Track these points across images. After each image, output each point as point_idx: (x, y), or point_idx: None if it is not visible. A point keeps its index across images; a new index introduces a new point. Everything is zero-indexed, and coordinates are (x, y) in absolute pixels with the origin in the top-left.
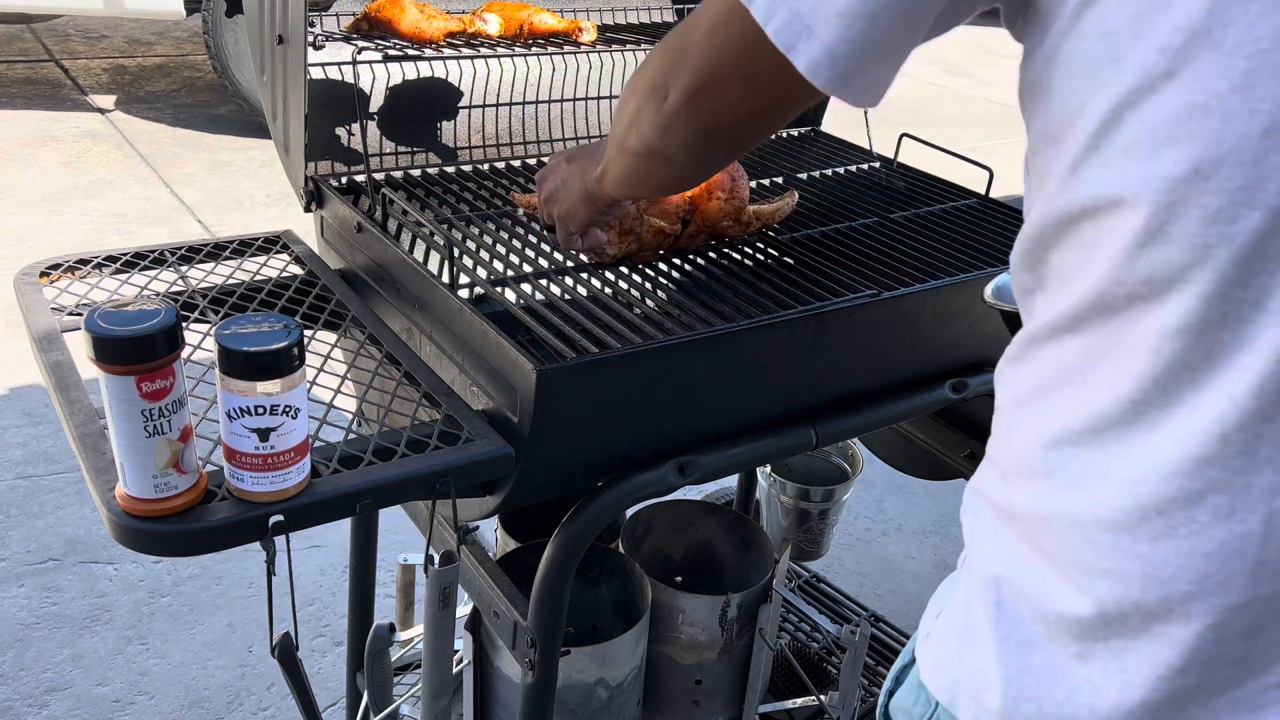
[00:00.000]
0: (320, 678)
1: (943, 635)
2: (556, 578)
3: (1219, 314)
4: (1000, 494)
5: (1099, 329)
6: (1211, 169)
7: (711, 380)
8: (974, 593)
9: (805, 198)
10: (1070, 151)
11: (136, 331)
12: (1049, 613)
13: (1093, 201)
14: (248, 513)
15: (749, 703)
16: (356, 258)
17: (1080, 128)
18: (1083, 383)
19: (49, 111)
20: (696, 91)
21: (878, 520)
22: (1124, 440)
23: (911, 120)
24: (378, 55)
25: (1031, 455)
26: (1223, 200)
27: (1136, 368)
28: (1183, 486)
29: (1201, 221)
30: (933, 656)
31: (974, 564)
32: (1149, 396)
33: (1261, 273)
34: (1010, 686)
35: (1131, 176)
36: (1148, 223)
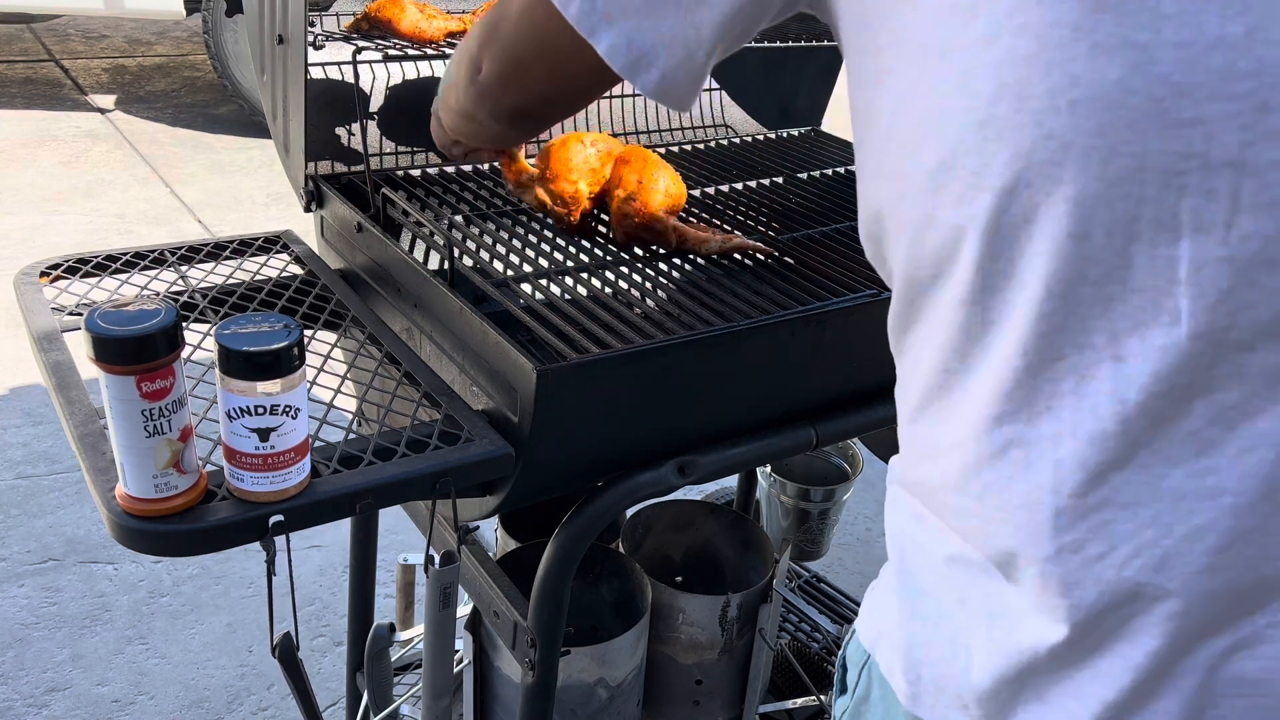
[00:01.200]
0: (320, 678)
1: (872, 592)
2: (556, 578)
3: (982, 285)
4: (896, 464)
5: (920, 309)
6: (951, 159)
7: (711, 380)
8: (889, 553)
9: (805, 198)
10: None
11: (136, 331)
12: (936, 562)
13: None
14: (248, 513)
15: (749, 703)
16: (356, 258)
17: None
18: (915, 361)
19: (49, 111)
20: (505, 73)
21: (878, 520)
22: (943, 409)
23: None
24: (378, 55)
25: (901, 432)
26: (963, 186)
27: (940, 339)
28: (988, 445)
29: (953, 205)
30: (864, 611)
31: (886, 526)
32: (952, 365)
33: (1003, 244)
34: (906, 631)
35: (907, 173)
36: (921, 210)
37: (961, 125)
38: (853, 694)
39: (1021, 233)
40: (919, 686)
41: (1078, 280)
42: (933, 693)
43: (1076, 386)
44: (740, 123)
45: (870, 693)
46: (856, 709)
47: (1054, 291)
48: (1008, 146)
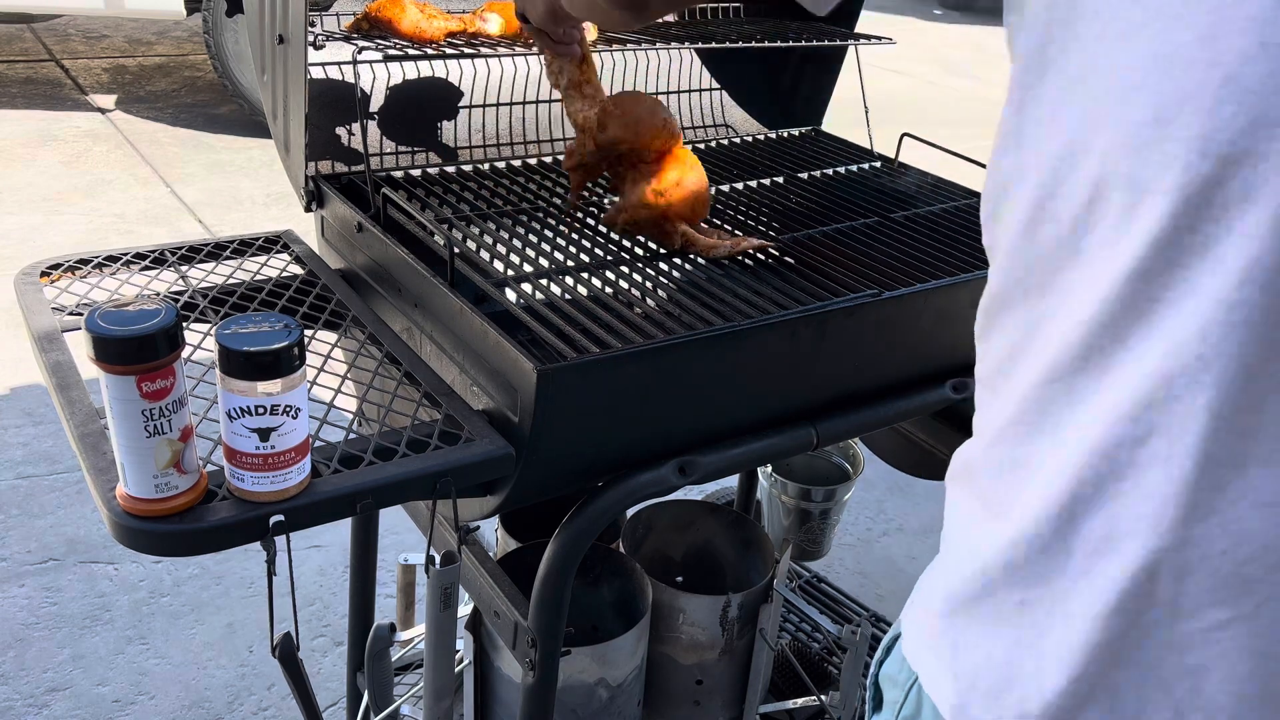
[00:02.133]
0: (321, 678)
1: (916, 600)
2: (557, 578)
3: (1167, 260)
4: (971, 453)
5: (1062, 281)
6: (1172, 115)
7: (711, 380)
8: (937, 559)
9: (805, 198)
10: (1044, 99)
11: (137, 331)
12: (993, 566)
13: (1053, 149)
14: (248, 513)
15: (749, 703)
16: (357, 257)
17: (1056, 73)
18: (1045, 337)
19: (49, 111)
20: None
21: (878, 520)
22: (1074, 390)
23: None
24: (378, 55)
25: (1000, 414)
26: (1178, 147)
27: (1089, 314)
28: (1128, 431)
29: (1156, 166)
30: (909, 621)
31: (944, 531)
32: (1099, 343)
33: (1208, 219)
34: (958, 642)
35: (1103, 122)
36: (1102, 168)
37: (1199, 81)
38: (897, 713)
39: (1234, 209)
40: (970, 696)
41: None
42: (988, 699)
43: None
44: (740, 123)
45: (920, 712)
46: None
47: (1252, 279)
48: (1249, 112)
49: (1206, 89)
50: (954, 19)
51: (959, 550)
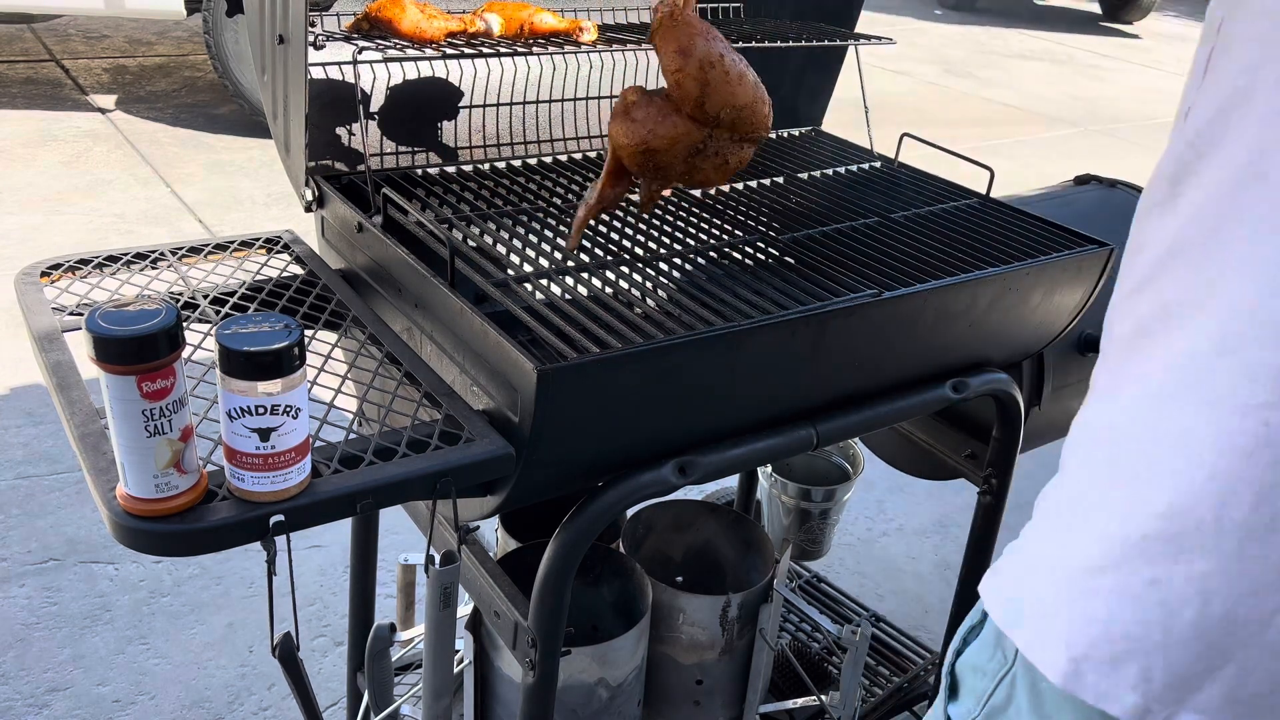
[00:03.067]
0: (321, 678)
1: (1010, 568)
2: (557, 578)
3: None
4: (1103, 419)
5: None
6: None
7: (711, 380)
8: (1046, 523)
9: (805, 198)
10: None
11: (137, 331)
12: (1129, 538)
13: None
14: (248, 513)
15: (749, 703)
16: (357, 258)
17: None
18: (1204, 302)
19: (49, 111)
20: None
21: (878, 520)
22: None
23: (912, 120)
24: (378, 55)
25: (1148, 378)
26: None
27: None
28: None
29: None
30: (1000, 590)
31: (1054, 494)
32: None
33: None
34: (1076, 608)
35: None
36: None
37: None
38: (983, 702)
39: None
40: (1085, 665)
41: None
42: (1102, 669)
43: None
44: None
45: (1013, 699)
46: (989, 717)
47: None
48: None
49: None
50: (954, 19)
51: (1079, 521)
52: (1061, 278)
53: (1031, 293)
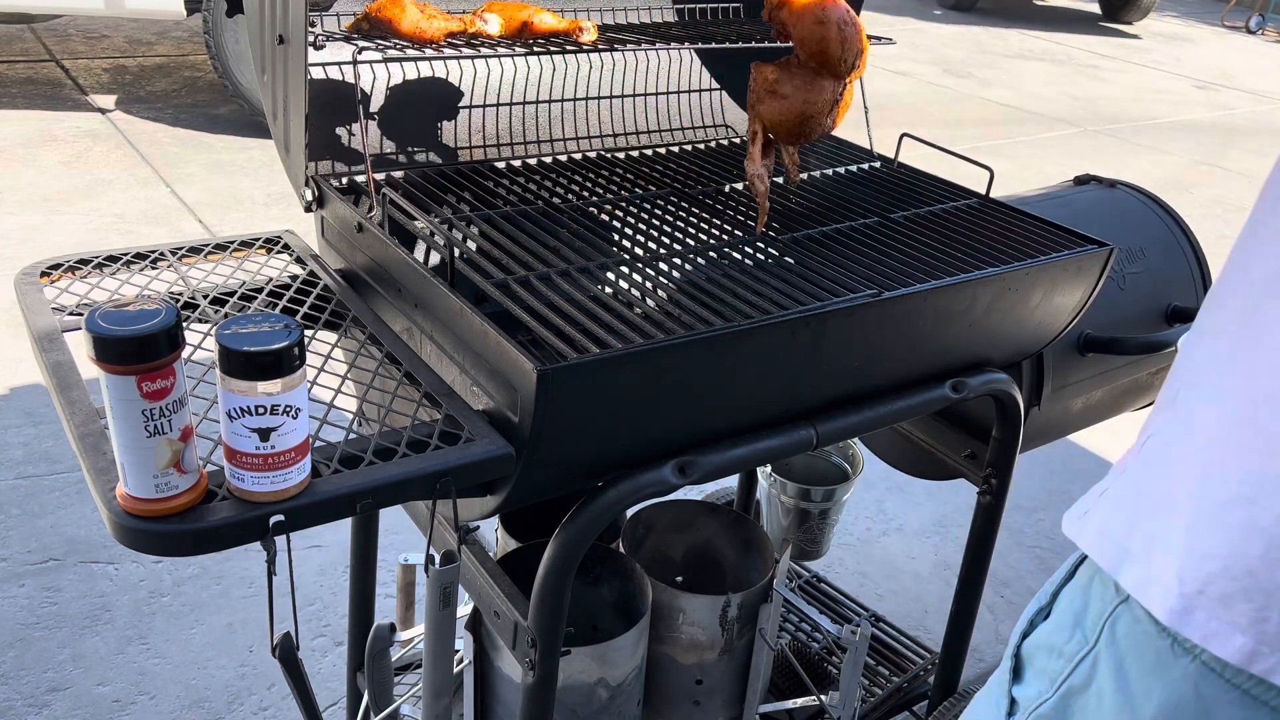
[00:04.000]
0: (320, 678)
1: (1111, 509)
2: (557, 578)
3: None
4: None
5: None
6: None
7: (711, 380)
8: (1161, 461)
9: (805, 198)
10: None
11: (137, 331)
12: (1267, 470)
13: None
14: (248, 513)
15: (749, 703)
16: (357, 258)
17: None
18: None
19: (49, 111)
20: None
21: (878, 520)
22: None
23: (912, 120)
24: (378, 55)
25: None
26: None
27: None
28: None
29: None
30: (1102, 531)
31: (1167, 433)
32: None
33: None
34: (1196, 544)
35: None
36: None
37: None
38: (1057, 684)
39: None
40: (1197, 601)
41: None
42: (1214, 607)
43: None
44: (740, 123)
45: (1092, 681)
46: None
47: None
48: None
49: None
50: (954, 19)
51: (1203, 457)
52: (1061, 278)
53: (1031, 293)
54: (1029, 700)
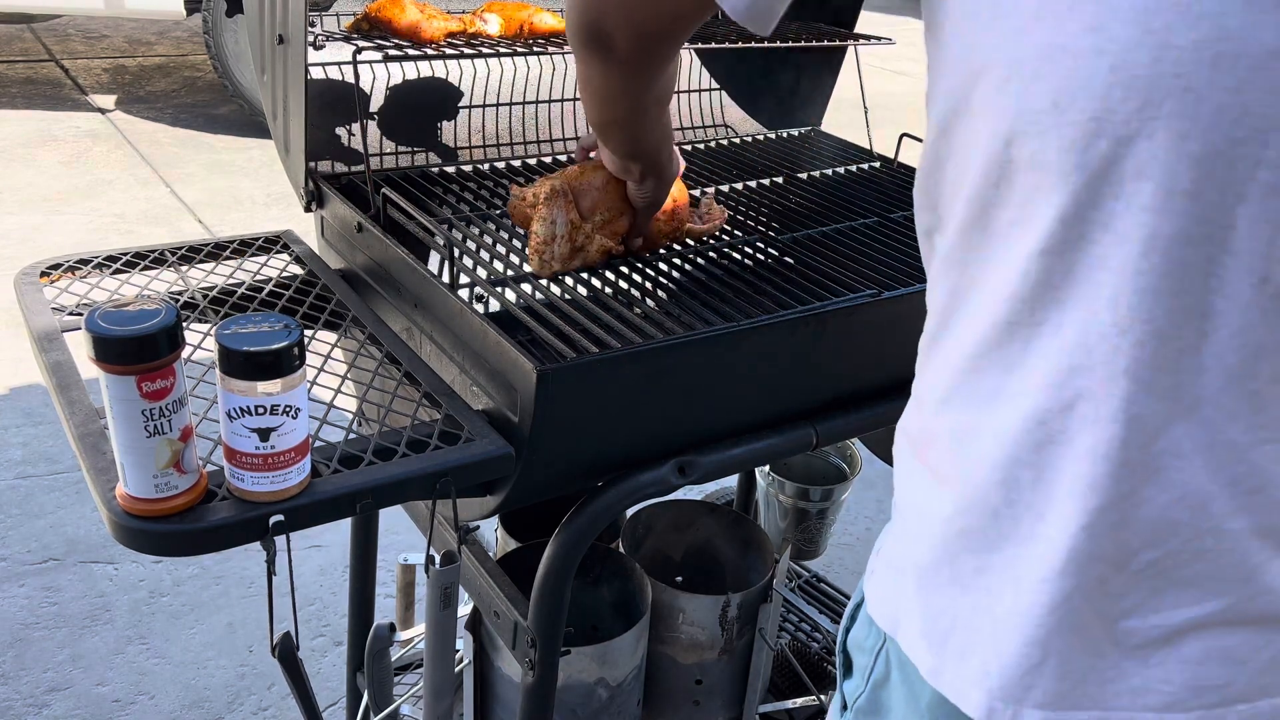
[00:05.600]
0: (320, 678)
1: (881, 570)
2: (557, 578)
3: (1076, 235)
4: (914, 424)
5: (978, 257)
6: (1067, 102)
7: (711, 380)
8: (897, 527)
9: (805, 198)
10: (959, 81)
11: (137, 331)
12: (949, 533)
13: (968, 136)
14: (248, 513)
15: (749, 703)
16: (357, 258)
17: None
18: (969, 310)
19: (49, 111)
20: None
21: (878, 520)
22: (1006, 360)
23: (912, 120)
24: (378, 55)
25: (937, 383)
26: (1076, 131)
27: (1011, 288)
28: (1056, 397)
29: (1058, 149)
30: (876, 592)
31: (897, 499)
32: (1020, 317)
33: (1109, 196)
34: (927, 606)
35: (1006, 110)
36: (1012, 150)
37: (1089, 69)
38: (867, 678)
39: (1130, 184)
40: (943, 659)
41: (1181, 240)
42: (956, 662)
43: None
44: (740, 123)
45: (890, 674)
46: (874, 694)
47: (1155, 248)
48: (1138, 96)
49: (1097, 75)
50: None
51: (917, 519)
52: None
53: None
54: (851, 695)
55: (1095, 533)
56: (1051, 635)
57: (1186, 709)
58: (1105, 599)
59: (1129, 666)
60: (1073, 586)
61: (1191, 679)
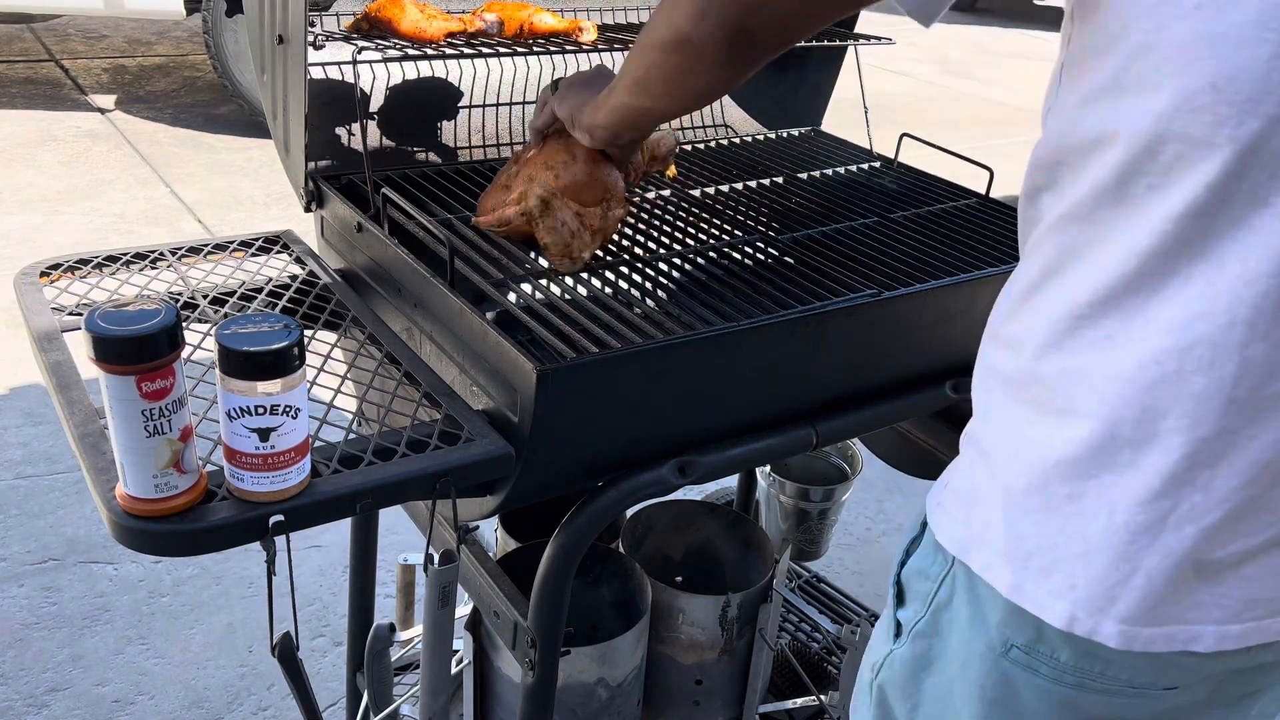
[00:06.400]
0: (320, 678)
1: (950, 502)
2: (557, 578)
3: (1219, 200)
4: (1011, 366)
5: (1108, 214)
6: (1225, 83)
7: (711, 380)
8: (977, 460)
9: (805, 198)
10: (1116, 60)
11: (136, 331)
12: (1048, 461)
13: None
14: (248, 513)
15: (749, 703)
16: (357, 258)
17: (1121, 45)
18: (1092, 262)
19: (49, 111)
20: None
21: (878, 520)
22: (1126, 308)
23: (911, 120)
24: (378, 55)
25: (1043, 328)
26: (1231, 109)
27: (1142, 245)
28: (1177, 340)
29: (1213, 124)
30: (944, 521)
31: (980, 434)
32: (1152, 269)
33: (1257, 168)
34: (1012, 530)
35: (1162, 87)
36: (1171, 125)
37: (1249, 56)
38: (929, 602)
39: (1277, 159)
40: (1024, 575)
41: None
42: (1038, 578)
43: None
44: (740, 123)
45: (954, 597)
46: (935, 616)
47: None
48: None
49: (1258, 60)
50: (954, 19)
51: (1009, 452)
52: None
53: None
54: (909, 621)
55: (1196, 462)
56: (1142, 553)
57: (1240, 620)
58: (1194, 526)
59: (1200, 587)
60: (1167, 509)
61: (1245, 594)
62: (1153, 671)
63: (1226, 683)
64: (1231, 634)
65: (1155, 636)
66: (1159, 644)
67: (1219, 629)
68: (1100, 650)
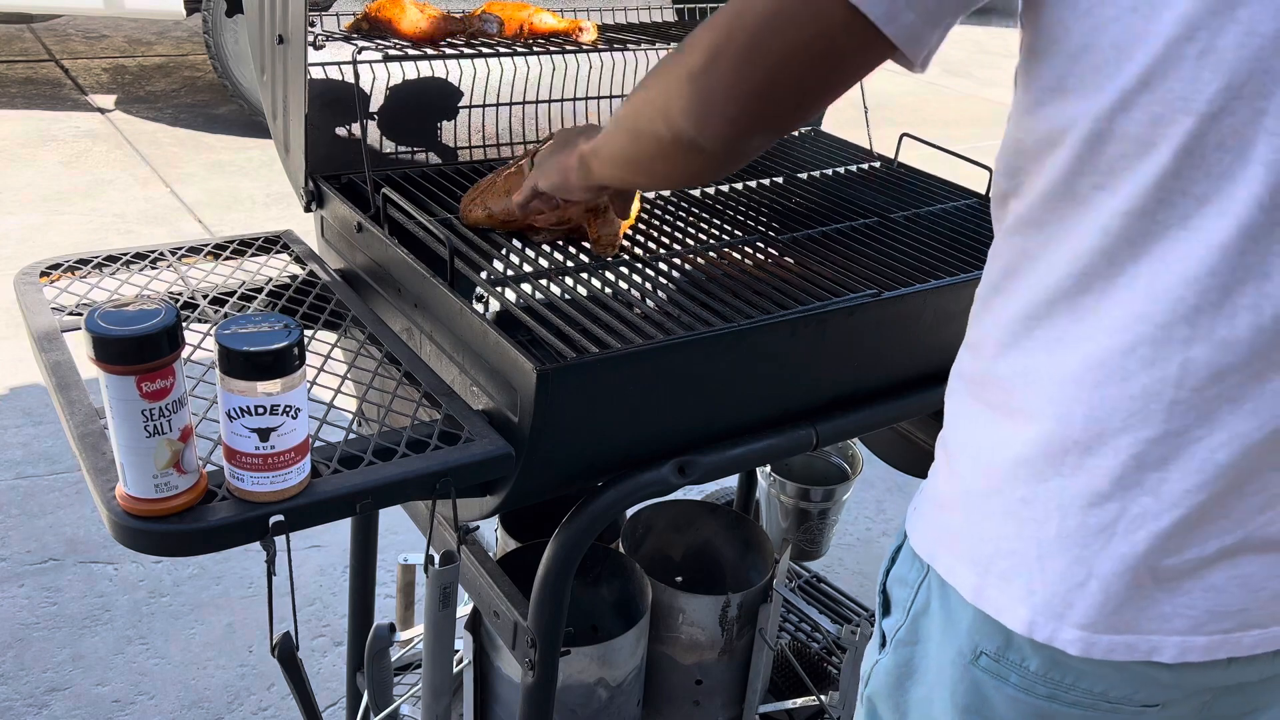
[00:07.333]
0: (320, 678)
1: (924, 507)
2: (557, 578)
3: (1157, 199)
4: (971, 368)
5: (1058, 215)
6: (1158, 82)
7: (711, 380)
8: (944, 464)
9: (805, 198)
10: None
11: (136, 331)
12: (1003, 463)
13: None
14: (248, 513)
15: (749, 703)
16: (357, 258)
17: (1064, 47)
18: (1045, 263)
19: (49, 111)
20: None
21: (878, 520)
22: (1076, 308)
23: (911, 120)
24: (378, 55)
25: (1000, 330)
26: (1165, 109)
27: (1088, 245)
28: (1121, 340)
29: (1149, 124)
30: (918, 526)
31: (948, 437)
32: (1098, 269)
33: (1193, 166)
34: (971, 531)
35: (1101, 83)
36: (1111, 124)
37: (1178, 54)
38: (908, 610)
39: (1213, 155)
40: (986, 579)
41: (1254, 205)
42: (1000, 583)
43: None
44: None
45: (930, 604)
46: (914, 623)
47: (1229, 211)
48: (1221, 78)
49: (1188, 59)
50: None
51: (970, 455)
52: None
53: None
54: (891, 629)
55: (1144, 464)
56: (1095, 558)
57: (1206, 632)
58: (1146, 531)
59: (1160, 595)
60: (1117, 513)
61: (1211, 604)
62: (1124, 685)
63: (1215, 703)
64: (1197, 646)
65: (1115, 645)
66: (1119, 652)
67: (1183, 640)
68: (1065, 659)
